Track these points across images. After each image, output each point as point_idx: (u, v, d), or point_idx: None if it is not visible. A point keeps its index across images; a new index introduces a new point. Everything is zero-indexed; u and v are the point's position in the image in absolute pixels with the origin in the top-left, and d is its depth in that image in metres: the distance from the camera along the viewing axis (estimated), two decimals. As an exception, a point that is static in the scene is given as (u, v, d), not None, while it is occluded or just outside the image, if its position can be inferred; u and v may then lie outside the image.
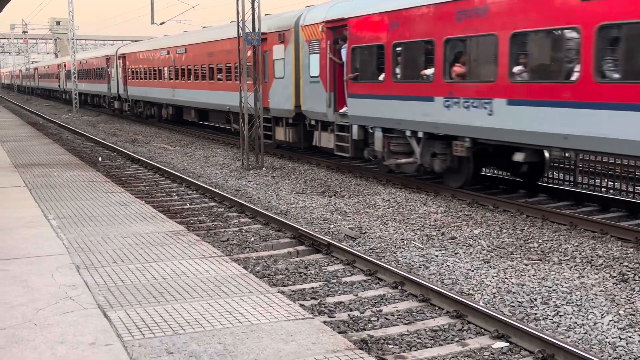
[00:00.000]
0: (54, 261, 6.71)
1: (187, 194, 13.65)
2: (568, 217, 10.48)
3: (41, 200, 10.00)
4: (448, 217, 11.09)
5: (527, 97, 10.76)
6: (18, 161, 14.69)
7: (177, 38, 27.74)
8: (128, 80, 33.28)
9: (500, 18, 11.08)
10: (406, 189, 13.64)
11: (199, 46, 24.20)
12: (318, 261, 8.72)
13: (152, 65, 29.31)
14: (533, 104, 10.65)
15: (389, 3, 13.73)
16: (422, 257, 8.80)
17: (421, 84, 13.02)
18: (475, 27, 11.63)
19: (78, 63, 44.32)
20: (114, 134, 27.85)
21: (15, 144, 18.51)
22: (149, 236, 7.83)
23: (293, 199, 12.95)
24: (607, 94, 9.45)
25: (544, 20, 10.39)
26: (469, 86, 11.94)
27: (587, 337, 6.21)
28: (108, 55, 37.11)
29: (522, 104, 10.87)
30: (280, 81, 18.12)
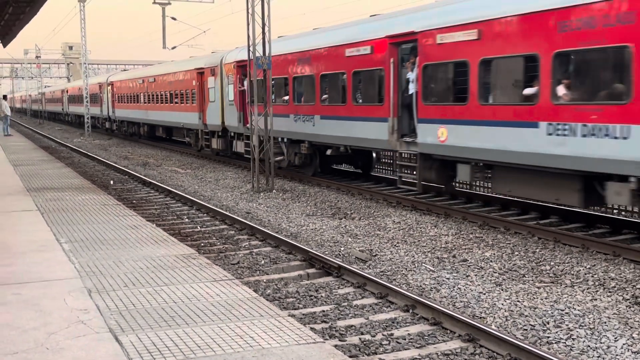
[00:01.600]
0: (66, 285, 6.74)
1: (198, 216, 13.69)
2: (580, 240, 10.43)
3: (53, 224, 10.07)
4: (459, 239, 11.06)
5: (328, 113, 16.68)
6: (31, 185, 14.81)
7: (150, 69, 34.30)
8: (115, 104, 39.43)
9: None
10: (416, 211, 13.62)
11: (163, 76, 30.15)
12: (329, 284, 8.71)
13: (132, 91, 35.29)
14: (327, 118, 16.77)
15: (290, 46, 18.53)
16: (433, 279, 8.76)
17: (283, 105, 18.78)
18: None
19: (77, 89, 49.43)
20: (125, 157, 28.04)
21: (28, 168, 18.67)
22: (160, 259, 7.86)
23: (303, 221, 12.96)
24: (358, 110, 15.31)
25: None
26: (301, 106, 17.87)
27: (600, 360, 6.15)
28: (100, 82, 43.25)
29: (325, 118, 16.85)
30: (212, 104, 23.77)
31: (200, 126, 25.42)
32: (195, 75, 25.45)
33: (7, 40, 26.89)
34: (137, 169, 22.77)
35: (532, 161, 10.73)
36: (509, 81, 11.36)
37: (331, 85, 16.59)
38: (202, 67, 24.79)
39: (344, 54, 15.78)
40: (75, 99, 51.78)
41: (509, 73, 11.30)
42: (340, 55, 15.96)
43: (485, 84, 11.65)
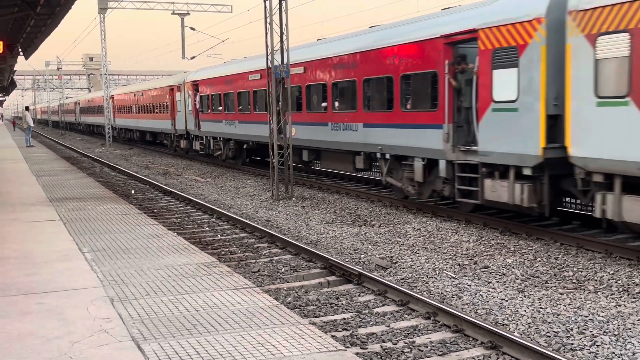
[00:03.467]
0: (88, 294, 6.80)
1: (218, 225, 13.75)
2: (603, 245, 10.31)
3: (76, 234, 10.17)
4: (480, 245, 10.99)
5: (242, 119, 23.64)
6: (53, 195, 14.98)
7: (139, 85, 42.48)
8: (115, 114, 45.89)
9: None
10: (437, 217, 13.56)
11: (148, 91, 37.32)
12: (349, 292, 8.69)
13: (127, 103, 42.05)
14: (242, 122, 23.69)
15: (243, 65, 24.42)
16: (454, 286, 8.71)
17: (217, 114, 26.41)
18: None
19: (86, 101, 58.24)
20: (146, 166, 28.26)
21: (50, 179, 18.89)
22: (181, 268, 7.90)
23: (323, 228, 12.96)
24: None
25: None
26: (227, 114, 25.13)
27: (626, 368, 6.07)
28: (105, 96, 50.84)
29: (242, 122, 23.79)
30: (179, 113, 31.09)
31: (172, 131, 32.77)
32: (168, 91, 32.66)
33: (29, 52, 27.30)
34: (158, 178, 22.94)
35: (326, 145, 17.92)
36: (320, 98, 18.13)
37: (242, 100, 23.55)
38: (172, 84, 32.14)
39: (247, 77, 22.88)
40: (86, 110, 60.23)
41: (318, 93, 18.23)
42: (244, 78, 23.16)
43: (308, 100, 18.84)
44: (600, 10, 9.63)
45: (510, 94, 11.39)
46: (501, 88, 11.56)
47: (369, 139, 15.67)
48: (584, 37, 9.97)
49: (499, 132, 11.60)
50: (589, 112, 10.00)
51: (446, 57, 12.86)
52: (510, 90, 11.37)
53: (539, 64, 10.82)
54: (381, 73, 14.96)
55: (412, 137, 13.94)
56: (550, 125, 10.83)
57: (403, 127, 14.31)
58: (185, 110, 29.84)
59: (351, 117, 16.53)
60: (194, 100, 28.51)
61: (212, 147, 27.27)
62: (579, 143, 10.18)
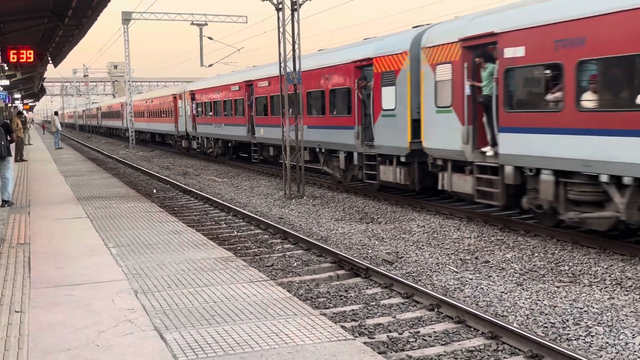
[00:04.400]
0: (114, 286, 6.85)
1: (235, 222, 13.79)
2: (597, 241, 10.25)
3: (102, 230, 10.24)
4: (481, 241, 10.96)
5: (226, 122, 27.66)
6: (80, 194, 15.07)
7: (150, 93, 47.95)
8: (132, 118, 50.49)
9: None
10: (440, 215, 13.53)
11: (157, 99, 41.73)
12: (357, 285, 8.70)
13: (140, 109, 45.54)
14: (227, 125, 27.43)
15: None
16: (457, 280, 8.70)
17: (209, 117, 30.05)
18: None
19: (107, 107, 64.78)
20: (167, 167, 28.36)
21: (77, 179, 19.00)
22: (200, 262, 7.94)
23: (333, 225, 12.97)
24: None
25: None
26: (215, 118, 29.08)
27: (619, 356, 6.04)
28: (122, 102, 54.41)
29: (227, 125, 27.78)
30: (181, 118, 35.07)
31: (175, 132, 36.76)
32: (172, 99, 36.71)
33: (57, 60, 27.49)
34: (178, 178, 23.02)
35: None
36: (279, 106, 20.18)
37: (226, 106, 27.42)
38: (175, 93, 36.40)
39: (230, 89, 26.89)
40: (106, 115, 66.06)
41: (277, 102, 20.86)
42: (227, 89, 27.23)
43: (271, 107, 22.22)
44: (437, 47, 13.10)
45: (391, 105, 14.95)
46: (386, 100, 15.10)
47: (311, 137, 18.81)
48: (429, 65, 13.39)
49: (386, 131, 15.22)
50: (432, 117, 13.40)
51: (356, 76, 16.39)
52: (391, 102, 14.92)
53: (406, 84, 14.40)
54: (318, 87, 18.50)
55: (337, 135, 17.16)
56: (414, 126, 14.22)
57: (332, 128, 17.81)
58: (185, 115, 34.06)
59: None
60: (191, 107, 32.80)
61: (205, 145, 31.53)
62: (427, 138, 13.63)
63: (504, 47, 11.16)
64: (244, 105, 25.28)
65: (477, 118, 12.35)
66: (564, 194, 10.29)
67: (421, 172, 14.52)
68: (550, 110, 10.33)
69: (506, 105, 11.29)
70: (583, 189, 10.00)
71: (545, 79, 10.51)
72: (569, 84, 9.88)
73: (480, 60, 12.03)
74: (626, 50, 8.96)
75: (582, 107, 9.77)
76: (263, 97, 23.20)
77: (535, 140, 10.63)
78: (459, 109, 12.49)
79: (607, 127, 9.38)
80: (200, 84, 32.49)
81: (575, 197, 10.13)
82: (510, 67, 11.06)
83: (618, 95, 9.45)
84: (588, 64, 9.72)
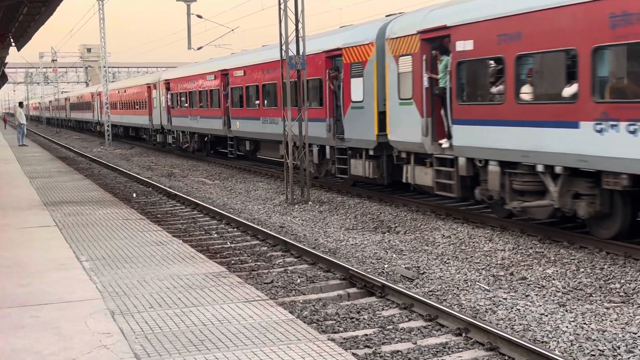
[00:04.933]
0: (87, 306, 6.87)
1: (228, 231, 13.82)
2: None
3: (72, 241, 10.27)
4: (517, 254, 10.94)
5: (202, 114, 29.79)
6: (48, 199, 15.13)
7: (122, 83, 50.97)
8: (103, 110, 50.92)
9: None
10: (469, 223, 13.52)
11: (130, 88, 43.73)
12: (371, 305, 8.70)
13: (113, 99, 46.43)
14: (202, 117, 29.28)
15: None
16: (488, 300, 8.68)
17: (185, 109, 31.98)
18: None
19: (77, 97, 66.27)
20: (148, 167, 28.46)
21: (44, 181, 19.09)
22: (187, 278, 7.95)
23: (342, 235, 12.98)
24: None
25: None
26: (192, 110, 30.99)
27: (680, 391, 6.02)
28: (92, 92, 57.67)
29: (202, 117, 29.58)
30: (155, 109, 36.71)
31: (150, 126, 38.26)
32: (146, 88, 38.16)
33: (21, 43, 27.57)
34: (162, 180, 23.09)
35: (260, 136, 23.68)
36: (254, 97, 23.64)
37: (202, 97, 29.18)
38: (150, 82, 37.95)
39: (206, 78, 28.67)
40: (76, 106, 67.89)
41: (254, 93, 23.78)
42: (203, 78, 28.97)
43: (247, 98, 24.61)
44: (400, 39, 14.90)
45: (359, 96, 16.80)
46: (355, 92, 16.94)
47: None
48: (393, 57, 15.17)
49: (355, 124, 17.07)
50: (396, 109, 15.22)
51: (327, 67, 18.21)
52: (360, 94, 16.76)
53: (372, 75, 16.19)
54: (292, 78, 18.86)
55: (310, 128, 17.90)
56: (381, 119, 15.91)
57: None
58: (160, 107, 35.51)
59: (274, 113, 21.80)
60: (166, 97, 34.11)
61: (181, 140, 33.04)
62: (392, 131, 15.48)
63: (455, 40, 13.15)
64: (219, 96, 26.88)
65: (435, 110, 14.23)
66: (509, 184, 12.17)
67: (391, 165, 16.46)
68: (495, 103, 12.40)
69: (458, 98, 13.28)
70: (525, 179, 11.95)
71: (490, 72, 12.57)
72: (510, 77, 11.91)
73: (437, 52, 13.88)
74: (553, 45, 11.01)
75: (520, 100, 11.79)
76: (239, 87, 25.15)
77: (483, 132, 12.64)
78: (418, 101, 14.40)
79: (540, 118, 11.38)
80: (175, 72, 34.23)
81: (518, 187, 12.05)
82: (461, 60, 13.06)
83: (548, 89, 11.44)
84: (525, 58, 11.72)
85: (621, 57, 10.19)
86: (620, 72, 10.44)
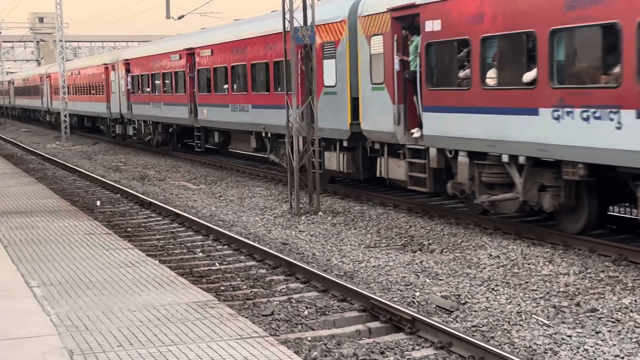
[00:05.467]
0: (39, 344, 6.86)
1: (216, 249, 13.83)
2: None
3: (21, 261, 10.28)
4: (585, 280, 10.91)
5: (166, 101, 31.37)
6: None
7: (75, 62, 53.04)
8: (53, 96, 53.89)
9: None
10: (522, 240, 13.49)
11: (84, 69, 45.65)
12: (399, 344, 8.68)
13: (69, 82, 47.83)
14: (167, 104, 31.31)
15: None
16: (548, 337, 8.66)
17: (147, 95, 33.67)
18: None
19: (21, 80, 69.51)
20: (116, 168, 28.55)
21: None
22: (165, 309, 7.95)
23: (362, 255, 12.96)
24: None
25: None
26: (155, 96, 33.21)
27: None
28: (41, 74, 59.27)
29: (166, 104, 31.62)
30: (114, 95, 38.05)
31: (107, 115, 39.49)
32: (103, 70, 39.31)
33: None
34: (133, 185, 23.15)
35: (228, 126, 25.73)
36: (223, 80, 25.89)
37: (166, 81, 30.89)
38: (107, 62, 38.90)
39: (170, 58, 30.43)
40: (21, 91, 70.15)
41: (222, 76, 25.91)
42: (167, 58, 30.90)
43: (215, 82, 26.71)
44: (371, 17, 16.38)
45: (332, 80, 18.54)
46: (328, 75, 18.69)
47: (255, 119, 22.84)
48: (365, 37, 16.74)
49: (327, 112, 18.42)
50: (368, 95, 16.81)
51: (298, 47, 18.01)
52: (332, 77, 18.46)
53: (345, 56, 17.87)
54: (261, 59, 22.51)
55: (282, 116, 18.77)
56: (354, 106, 17.52)
57: (276, 108, 20.60)
58: (119, 92, 36.90)
59: (244, 99, 23.87)
60: (126, 81, 35.38)
61: (143, 131, 34.24)
62: (364, 119, 17.08)
63: (425, 19, 14.69)
64: (185, 80, 28.46)
65: (407, 96, 15.59)
66: (479, 177, 13.69)
67: (368, 159, 17.91)
68: (462, 89, 13.90)
69: (428, 83, 14.79)
70: (493, 171, 13.46)
71: (458, 55, 14.09)
72: (475, 61, 13.49)
73: (407, 32, 15.35)
74: (515, 27, 12.51)
75: (486, 85, 13.33)
76: (206, 69, 26.95)
77: (452, 120, 14.15)
78: (390, 86, 15.83)
79: (504, 105, 12.88)
80: (136, 51, 36.42)
81: (487, 180, 13.61)
82: (430, 42, 14.58)
83: (511, 74, 12.94)
84: (490, 40, 13.25)
85: (575, 41, 11.80)
86: (574, 56, 12.03)
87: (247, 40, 22.87)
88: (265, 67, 22.17)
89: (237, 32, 24.83)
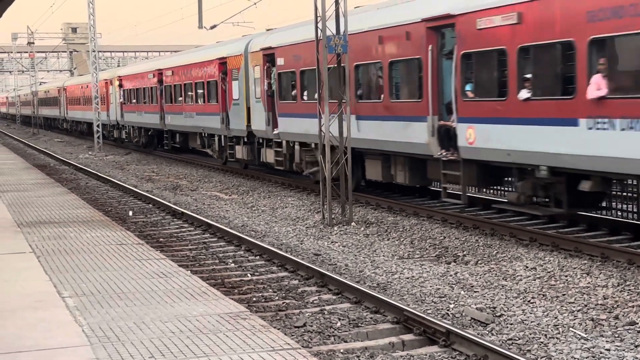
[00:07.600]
0: (71, 355, 6.90)
1: (248, 260, 13.85)
2: None
3: (53, 272, 10.36)
4: (623, 292, 10.79)
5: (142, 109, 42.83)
6: (22, 218, 15.32)
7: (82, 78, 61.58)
8: (68, 106, 64.39)
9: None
10: (559, 251, 13.38)
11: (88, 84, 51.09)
12: (433, 357, 8.64)
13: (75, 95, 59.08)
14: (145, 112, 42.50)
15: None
16: (586, 351, 8.57)
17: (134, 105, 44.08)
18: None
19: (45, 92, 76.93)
20: (149, 178, 28.74)
21: (18, 195, 19.35)
22: (197, 320, 7.96)
23: (395, 266, 12.93)
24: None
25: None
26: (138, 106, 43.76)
27: None
28: (59, 87, 68.70)
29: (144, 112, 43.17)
30: (112, 105, 47.37)
31: (107, 122, 48.17)
32: (104, 84, 48.25)
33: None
34: (165, 195, 23.28)
35: (184, 129, 35.97)
36: (179, 94, 35.29)
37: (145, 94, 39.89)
38: (107, 78, 48.45)
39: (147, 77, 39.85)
40: (43, 102, 78.46)
41: (179, 91, 35.65)
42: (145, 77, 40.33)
43: (175, 94, 36.98)
44: (254, 53, 25.75)
45: (237, 95, 27.34)
46: (235, 92, 27.58)
47: (199, 123, 32.04)
48: (252, 66, 25.98)
49: (235, 117, 27.55)
50: (254, 106, 25.94)
51: (220, 71, 28.93)
52: (237, 93, 27.32)
53: (243, 79, 26.78)
54: (199, 79, 31.75)
55: (208, 121, 30.33)
56: (249, 113, 26.32)
57: (206, 115, 30.85)
58: (116, 103, 45.99)
59: (190, 108, 33.18)
60: (119, 94, 44.55)
61: (132, 135, 43.69)
62: (253, 122, 26.13)
63: (277, 57, 23.87)
64: (157, 93, 37.76)
65: (274, 107, 24.38)
66: (305, 157, 22.68)
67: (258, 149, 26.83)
68: (293, 102, 23.11)
69: (280, 98, 23.94)
70: (311, 154, 22.31)
71: (292, 80, 23.23)
72: (298, 85, 22.64)
73: (269, 65, 24.58)
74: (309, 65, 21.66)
75: (304, 99, 22.38)
76: (169, 85, 36.21)
77: (290, 123, 23.13)
78: (263, 100, 25.00)
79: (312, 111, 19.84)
80: (126, 69, 47.53)
81: (308, 159, 22.48)
82: (280, 72, 23.76)
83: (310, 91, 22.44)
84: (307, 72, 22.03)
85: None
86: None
87: (192, 65, 32.69)
88: (202, 85, 31.45)
89: (186, 58, 34.82)
